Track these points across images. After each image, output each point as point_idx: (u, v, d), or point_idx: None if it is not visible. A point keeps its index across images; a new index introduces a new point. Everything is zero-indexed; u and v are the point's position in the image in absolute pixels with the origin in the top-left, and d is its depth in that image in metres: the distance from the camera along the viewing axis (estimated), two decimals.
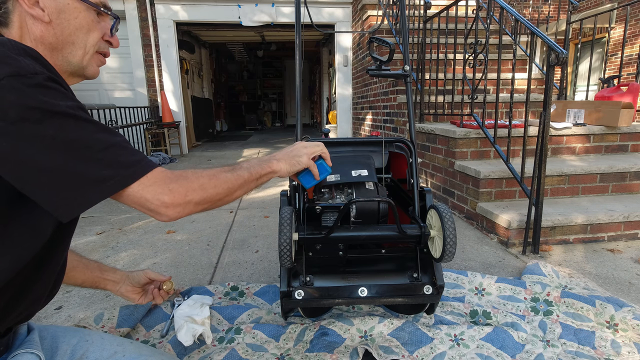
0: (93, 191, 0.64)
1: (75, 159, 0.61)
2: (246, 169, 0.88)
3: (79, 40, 0.75)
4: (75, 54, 0.76)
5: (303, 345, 1.28)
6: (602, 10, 3.43)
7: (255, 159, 0.94)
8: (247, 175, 0.87)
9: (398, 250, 1.32)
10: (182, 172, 0.76)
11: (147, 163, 0.70)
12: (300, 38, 1.48)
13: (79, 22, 0.75)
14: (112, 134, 0.67)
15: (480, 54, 2.41)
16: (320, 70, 10.06)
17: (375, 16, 5.12)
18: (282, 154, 0.99)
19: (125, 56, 6.28)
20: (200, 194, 0.76)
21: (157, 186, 0.70)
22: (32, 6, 0.71)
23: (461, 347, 1.27)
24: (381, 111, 4.60)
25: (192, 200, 0.74)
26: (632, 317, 1.35)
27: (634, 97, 2.76)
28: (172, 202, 0.71)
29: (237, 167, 0.87)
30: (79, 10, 0.75)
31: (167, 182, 0.71)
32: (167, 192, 0.71)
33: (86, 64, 0.78)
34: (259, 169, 0.91)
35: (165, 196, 0.70)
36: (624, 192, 2.53)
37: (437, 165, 2.99)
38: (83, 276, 1.14)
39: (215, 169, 0.82)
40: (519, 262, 1.95)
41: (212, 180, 0.79)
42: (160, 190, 0.70)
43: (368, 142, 1.42)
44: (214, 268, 1.93)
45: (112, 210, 3.03)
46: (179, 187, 0.73)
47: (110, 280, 1.22)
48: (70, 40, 0.75)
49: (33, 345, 0.76)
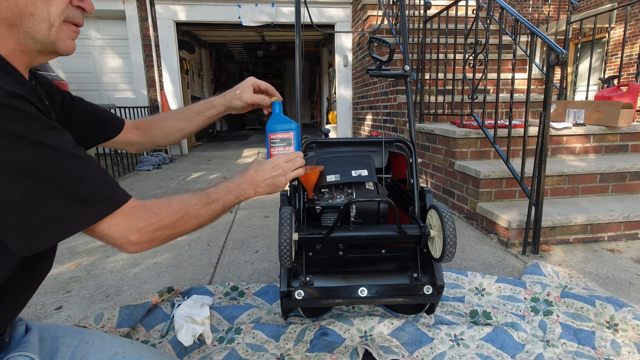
0: (56, 229, 0.59)
1: (37, 193, 0.56)
2: (221, 204, 0.83)
3: (38, 10, 0.63)
4: (38, 28, 0.64)
5: (303, 345, 1.28)
6: (602, 10, 3.43)
7: (233, 183, 0.88)
8: (220, 210, 0.83)
9: (398, 250, 1.32)
10: (154, 206, 0.72)
11: (118, 197, 0.66)
12: (300, 38, 1.48)
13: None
14: (83, 161, 0.61)
15: (480, 54, 2.41)
16: (320, 70, 10.06)
17: (375, 16, 5.12)
18: (261, 179, 0.92)
19: (125, 56, 6.28)
20: (169, 232, 0.73)
21: (125, 224, 0.66)
22: None
23: (461, 347, 1.27)
24: (381, 111, 4.60)
25: (159, 238, 0.72)
26: (632, 317, 1.35)
27: (634, 97, 2.76)
28: (139, 240, 0.68)
29: (212, 201, 0.82)
30: None
31: (136, 220, 0.68)
32: (135, 231, 0.67)
33: (54, 37, 0.66)
34: (234, 199, 0.87)
35: (133, 235, 0.67)
36: (624, 192, 2.53)
37: (437, 165, 2.99)
38: (178, 124, 1.09)
39: (189, 202, 0.78)
40: (519, 262, 1.95)
41: (184, 217, 0.76)
42: (128, 228, 0.66)
43: (368, 142, 1.42)
44: (214, 268, 1.93)
45: None
46: (148, 226, 0.69)
47: (213, 113, 1.11)
48: (28, 12, 0.62)
49: (28, 348, 0.74)
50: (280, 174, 0.94)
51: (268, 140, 1.06)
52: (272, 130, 1.05)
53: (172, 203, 0.75)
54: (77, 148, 0.63)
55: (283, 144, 1.05)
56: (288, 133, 1.06)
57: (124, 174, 4.65)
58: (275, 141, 1.05)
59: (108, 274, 1.88)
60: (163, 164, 5.34)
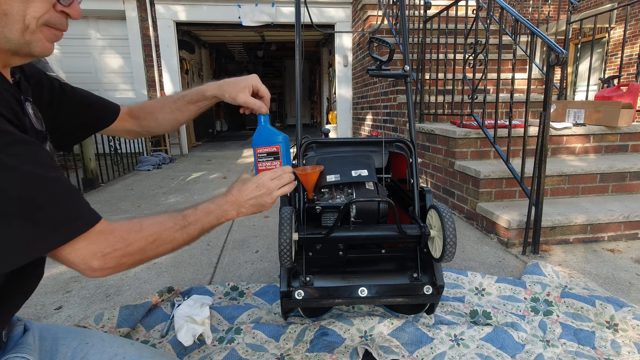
0: (13, 255, 0.56)
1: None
2: (199, 226, 0.79)
3: (13, 10, 0.59)
4: (12, 29, 0.60)
5: (303, 345, 1.28)
6: (602, 10, 3.43)
7: (214, 204, 0.83)
8: (198, 232, 0.79)
9: (398, 250, 1.32)
10: (124, 230, 0.68)
11: (83, 221, 0.62)
12: (300, 38, 1.48)
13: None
14: (46, 181, 0.57)
15: (480, 54, 2.41)
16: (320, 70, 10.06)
17: (375, 16, 5.13)
18: (245, 199, 0.86)
19: (126, 56, 6.28)
20: (137, 257, 0.69)
21: (88, 249, 0.62)
22: None
23: (461, 347, 1.27)
24: (381, 111, 4.60)
25: (126, 264, 0.68)
26: (632, 317, 1.35)
27: (634, 97, 2.76)
28: (102, 267, 0.64)
29: (189, 224, 0.77)
30: None
31: (101, 246, 0.63)
32: (99, 257, 0.63)
33: (30, 39, 0.62)
34: (214, 221, 0.82)
35: (96, 262, 0.63)
36: (624, 192, 2.53)
37: (437, 165, 2.99)
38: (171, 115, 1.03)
39: (163, 226, 0.73)
40: (519, 262, 1.95)
41: (155, 242, 0.71)
42: (92, 254, 0.63)
43: (368, 142, 1.42)
44: (214, 268, 1.93)
45: (112, 210, 3.03)
46: (114, 252, 0.65)
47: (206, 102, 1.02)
48: (1, 10, 0.59)
49: (25, 349, 0.74)
50: (265, 193, 0.88)
51: (255, 155, 0.99)
52: (258, 144, 0.98)
53: (143, 227, 0.71)
54: (43, 164, 0.59)
55: (270, 158, 0.98)
56: (275, 147, 0.98)
57: (124, 174, 4.66)
58: (262, 156, 0.98)
59: None
60: (163, 164, 5.34)
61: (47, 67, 4.61)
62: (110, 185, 4.04)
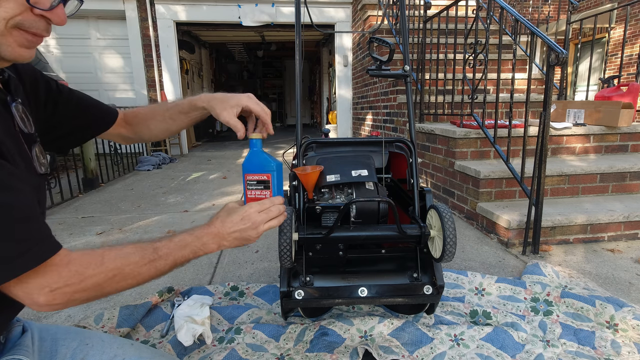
0: None
1: None
2: (171, 260, 0.72)
3: None
4: None
5: (303, 345, 1.28)
6: (602, 10, 3.43)
7: (192, 236, 0.76)
8: (168, 267, 0.72)
9: (398, 250, 1.32)
10: (82, 263, 0.62)
11: (34, 255, 0.56)
12: (300, 38, 1.48)
13: None
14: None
15: (480, 54, 2.41)
16: (320, 70, 10.06)
17: (375, 16, 5.13)
18: (228, 232, 0.79)
19: (126, 56, 6.28)
20: (91, 294, 0.63)
21: (35, 283, 0.57)
22: None
23: (461, 347, 1.27)
24: (381, 111, 4.60)
25: (78, 299, 0.62)
26: (632, 317, 1.34)
27: (634, 97, 2.76)
28: (49, 302, 0.59)
29: (159, 257, 0.71)
30: None
31: (51, 280, 0.58)
32: (47, 292, 0.58)
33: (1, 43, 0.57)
34: (190, 255, 0.75)
35: (42, 297, 0.58)
36: (624, 192, 2.53)
37: (437, 165, 2.99)
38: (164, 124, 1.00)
39: (128, 260, 0.67)
40: (519, 262, 1.95)
41: (116, 277, 0.65)
42: (39, 288, 0.57)
43: (368, 142, 1.42)
44: (214, 268, 1.93)
45: (112, 210, 3.03)
46: (65, 288, 0.60)
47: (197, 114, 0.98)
48: None
49: (22, 350, 0.73)
50: (250, 227, 0.80)
51: (244, 182, 0.92)
52: (248, 170, 0.91)
53: (105, 260, 0.65)
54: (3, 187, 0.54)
55: (260, 187, 0.91)
56: (266, 175, 0.90)
57: (124, 174, 4.66)
58: (251, 183, 0.91)
59: None
60: (163, 164, 5.34)
61: (48, 67, 4.61)
62: (110, 185, 4.04)
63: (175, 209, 3.03)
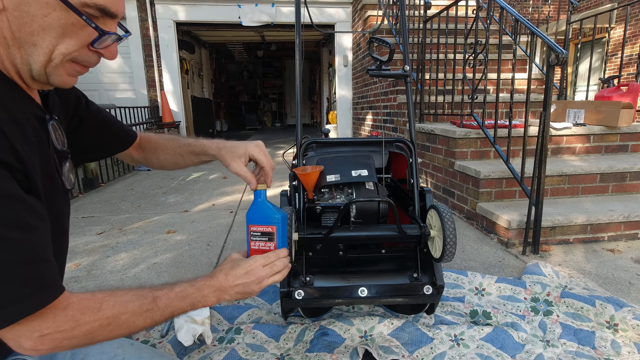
0: None
1: None
2: (169, 312, 0.69)
3: (43, 43, 0.57)
4: (36, 59, 0.58)
5: (303, 345, 1.28)
6: (602, 10, 3.43)
7: (193, 287, 0.74)
8: (164, 319, 0.70)
9: (398, 250, 1.32)
10: (79, 309, 0.60)
11: (38, 299, 0.55)
12: (300, 38, 1.48)
13: (47, 22, 0.55)
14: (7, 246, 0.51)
15: (480, 54, 2.41)
16: (320, 70, 10.06)
17: (375, 16, 5.12)
18: (230, 285, 0.77)
19: (126, 56, 6.27)
20: (80, 341, 0.61)
21: (28, 327, 0.55)
22: None
23: (461, 347, 1.27)
24: (381, 111, 4.60)
25: (65, 347, 0.60)
26: (632, 317, 1.34)
27: (634, 97, 2.76)
28: (34, 347, 0.56)
29: (157, 308, 0.68)
30: (51, 8, 0.55)
31: (43, 325, 0.56)
32: (36, 337, 0.55)
33: (49, 71, 0.60)
34: (188, 307, 0.73)
35: (30, 342, 0.55)
36: (624, 192, 2.53)
37: (437, 165, 2.99)
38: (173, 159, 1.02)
39: (125, 309, 0.64)
40: (519, 262, 1.95)
41: (110, 326, 0.62)
42: (29, 333, 0.55)
43: (368, 142, 1.42)
44: (214, 268, 1.93)
45: (112, 210, 3.03)
46: (55, 334, 0.57)
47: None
48: (31, 41, 0.56)
49: None
50: (254, 282, 0.79)
51: (248, 232, 0.90)
52: (253, 221, 0.89)
53: (103, 307, 0.62)
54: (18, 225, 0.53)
55: (264, 238, 0.89)
56: (270, 227, 0.88)
57: (124, 174, 4.66)
58: (255, 235, 0.89)
59: (108, 274, 1.88)
60: None
61: None
62: (110, 185, 4.04)
63: (175, 209, 3.03)
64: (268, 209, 0.89)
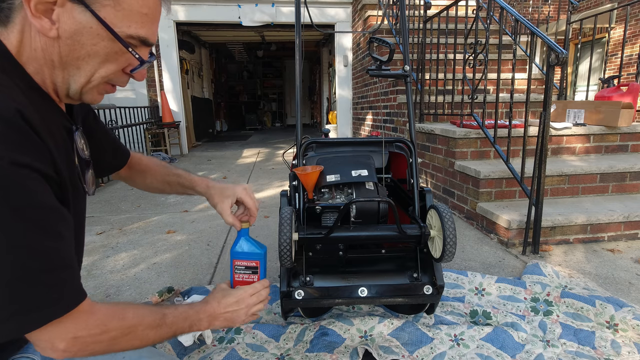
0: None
1: None
2: (173, 330, 0.74)
3: (87, 67, 0.62)
4: (77, 80, 0.63)
5: (303, 345, 1.28)
6: (602, 10, 3.43)
7: (193, 310, 0.79)
8: (169, 336, 0.74)
9: (398, 250, 1.32)
10: (107, 315, 0.64)
11: (69, 300, 0.58)
12: (300, 38, 1.48)
13: (94, 50, 0.61)
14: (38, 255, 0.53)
15: (480, 54, 2.41)
16: (320, 70, 10.06)
17: (375, 16, 5.12)
18: (221, 312, 0.83)
19: None
20: (104, 347, 0.64)
21: (60, 330, 0.57)
22: (38, 15, 0.56)
23: (461, 347, 1.27)
24: (381, 111, 4.60)
25: (88, 351, 0.62)
26: (632, 317, 1.35)
27: (634, 97, 2.76)
28: (67, 349, 0.59)
29: (165, 325, 0.72)
30: (101, 38, 0.60)
31: (77, 328, 0.59)
32: (69, 339, 0.58)
33: (86, 91, 0.65)
34: (187, 328, 0.77)
35: (63, 343, 0.58)
36: (624, 192, 2.53)
37: (437, 165, 2.99)
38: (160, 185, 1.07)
39: (143, 320, 0.69)
40: (519, 262, 1.95)
41: (129, 335, 0.66)
42: (63, 335, 0.58)
43: (368, 142, 1.42)
44: (214, 268, 1.93)
45: (112, 210, 3.03)
46: (87, 337, 0.60)
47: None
48: (76, 65, 0.61)
49: (30, 349, 0.75)
50: (242, 309, 0.86)
51: (232, 266, 0.99)
52: (237, 256, 0.98)
53: (126, 316, 0.66)
54: (53, 235, 0.56)
55: (248, 272, 0.99)
56: (254, 261, 0.98)
57: None
58: (239, 268, 0.99)
59: (108, 274, 1.88)
60: None
61: None
62: (110, 185, 4.04)
63: (175, 209, 3.03)
64: (252, 245, 0.99)
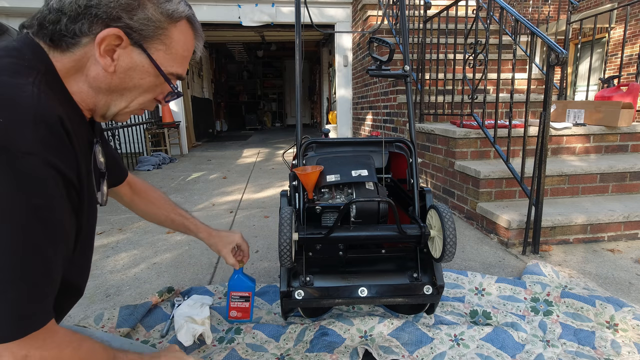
0: None
1: None
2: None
3: (130, 95, 0.71)
4: (117, 105, 0.71)
5: (303, 345, 1.28)
6: (602, 10, 3.43)
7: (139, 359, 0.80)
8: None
9: (398, 250, 1.32)
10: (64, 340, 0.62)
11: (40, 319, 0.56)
12: (300, 38, 1.48)
13: (140, 83, 0.70)
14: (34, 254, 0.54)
15: (480, 54, 2.41)
16: (320, 70, 10.06)
17: (375, 16, 5.12)
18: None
19: None
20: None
21: (15, 345, 0.55)
22: (104, 55, 0.65)
23: (461, 347, 1.27)
24: (381, 111, 4.60)
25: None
26: (632, 317, 1.35)
27: (634, 97, 2.76)
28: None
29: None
30: (148, 75, 0.70)
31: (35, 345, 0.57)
32: (21, 357, 0.56)
33: (122, 114, 0.74)
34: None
35: (11, 358, 0.56)
36: (624, 192, 2.53)
37: (437, 165, 2.99)
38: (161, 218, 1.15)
39: (97, 355, 0.68)
40: (519, 262, 1.95)
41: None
42: (16, 351, 0.55)
43: (368, 142, 1.42)
44: (214, 268, 1.93)
45: (112, 210, 3.03)
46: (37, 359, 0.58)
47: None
48: (120, 93, 0.70)
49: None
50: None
51: (229, 297, 1.30)
52: (234, 288, 1.30)
53: (82, 346, 0.65)
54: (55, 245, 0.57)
55: (242, 300, 1.30)
56: (247, 292, 1.31)
57: None
58: (235, 297, 1.30)
59: (108, 274, 1.88)
60: (163, 164, 5.34)
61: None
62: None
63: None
64: (246, 279, 1.31)
